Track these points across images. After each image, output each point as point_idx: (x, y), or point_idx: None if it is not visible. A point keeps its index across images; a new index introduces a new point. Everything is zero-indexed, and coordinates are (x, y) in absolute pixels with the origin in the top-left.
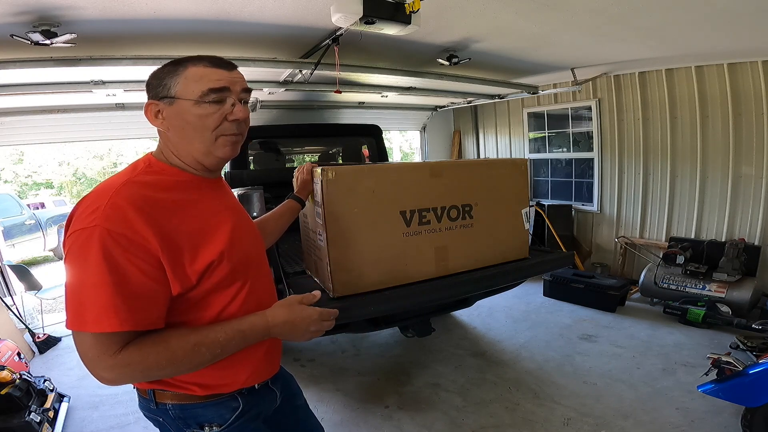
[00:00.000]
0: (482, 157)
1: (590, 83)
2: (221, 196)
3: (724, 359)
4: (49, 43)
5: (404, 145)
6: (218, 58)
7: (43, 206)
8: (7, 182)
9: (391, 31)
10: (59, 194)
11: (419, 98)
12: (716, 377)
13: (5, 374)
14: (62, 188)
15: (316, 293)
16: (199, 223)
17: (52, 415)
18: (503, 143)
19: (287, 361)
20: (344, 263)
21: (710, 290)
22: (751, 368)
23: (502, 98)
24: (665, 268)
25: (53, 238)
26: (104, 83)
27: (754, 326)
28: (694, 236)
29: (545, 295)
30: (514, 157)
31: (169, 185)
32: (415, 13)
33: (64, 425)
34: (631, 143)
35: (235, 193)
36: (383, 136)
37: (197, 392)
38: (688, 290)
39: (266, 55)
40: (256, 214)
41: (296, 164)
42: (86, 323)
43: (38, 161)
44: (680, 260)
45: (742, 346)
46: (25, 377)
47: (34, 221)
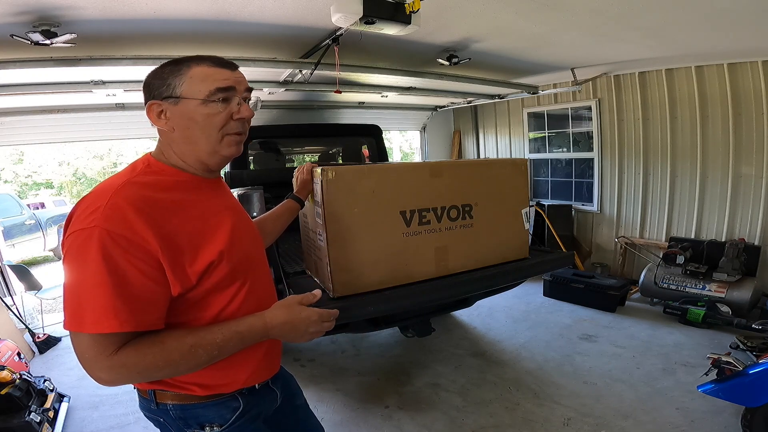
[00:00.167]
0: (482, 157)
1: (590, 83)
2: (221, 195)
3: (724, 359)
4: (49, 43)
5: (404, 145)
6: (220, 58)
7: (43, 206)
8: (7, 182)
9: (391, 31)
10: (59, 194)
11: (419, 98)
12: (716, 377)
13: (5, 374)
14: (62, 188)
15: (316, 293)
16: (199, 223)
17: (52, 415)
18: (503, 143)
19: (287, 361)
20: (344, 263)
21: (710, 290)
22: (751, 368)
23: (502, 98)
24: (665, 268)
25: (53, 238)
26: (104, 83)
27: (754, 326)
28: (694, 236)
29: (545, 295)
30: (514, 157)
31: (168, 185)
32: (415, 13)
33: (64, 425)
34: (631, 143)
35: (235, 193)
36: (383, 136)
37: (198, 392)
38: (688, 290)
39: (266, 55)
40: (255, 214)
41: (296, 164)
42: (84, 324)
43: (38, 161)
44: (680, 260)
45: (742, 346)
46: (25, 377)
47: (34, 221)
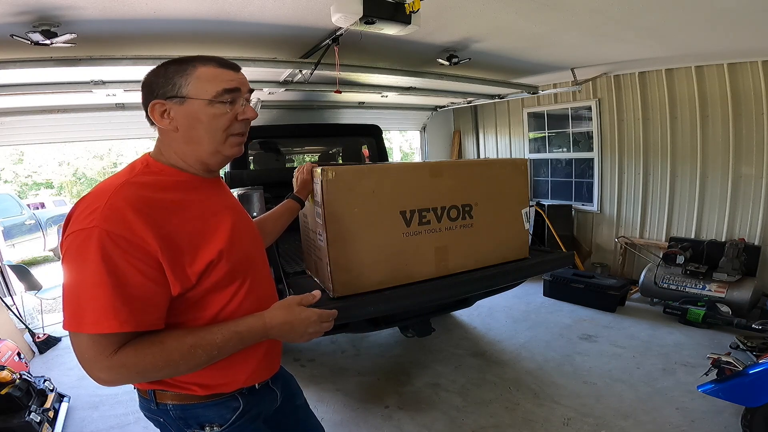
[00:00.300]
0: (482, 157)
1: (590, 83)
2: (220, 195)
3: (724, 359)
4: (49, 43)
5: (404, 145)
6: (224, 59)
7: (43, 206)
8: (7, 182)
9: (391, 31)
10: (59, 194)
11: (419, 98)
12: (716, 377)
13: (5, 374)
14: (62, 188)
15: (315, 293)
16: (198, 222)
17: (52, 415)
18: (503, 143)
19: (287, 361)
20: (344, 263)
21: (710, 290)
22: (751, 368)
23: (502, 98)
24: (665, 268)
25: (53, 238)
26: (104, 83)
27: (754, 326)
28: (694, 236)
29: (545, 295)
30: (514, 157)
31: (167, 185)
32: (415, 13)
33: (64, 425)
34: (631, 143)
35: (235, 193)
36: (383, 136)
37: (198, 392)
38: (688, 290)
39: (266, 55)
40: (255, 214)
41: (296, 164)
42: (84, 324)
43: (38, 161)
44: (680, 260)
45: (742, 346)
46: (25, 377)
47: (34, 221)
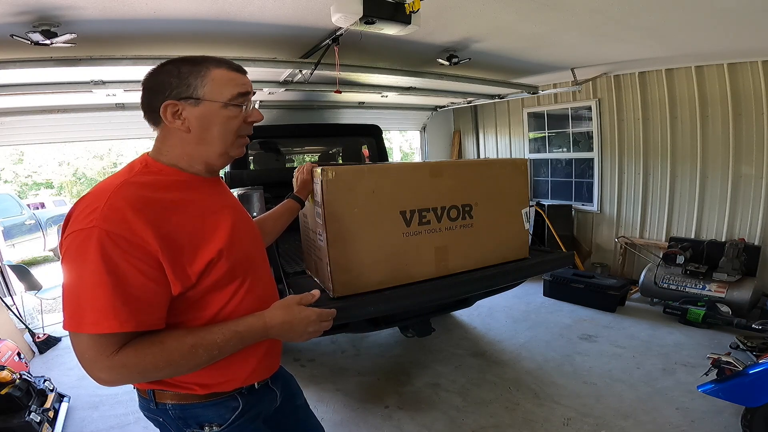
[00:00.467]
0: (482, 157)
1: (590, 83)
2: (220, 194)
3: (724, 359)
4: (49, 43)
5: (404, 145)
6: (232, 62)
7: (43, 206)
8: (7, 182)
9: (391, 31)
10: (59, 194)
11: (419, 98)
12: (716, 377)
13: (5, 374)
14: (62, 188)
15: (314, 293)
16: (198, 222)
17: (52, 415)
18: (503, 143)
19: (287, 361)
20: (344, 263)
21: (710, 290)
22: (751, 368)
23: (502, 98)
24: (665, 268)
25: (53, 238)
26: (104, 83)
27: (754, 326)
28: (694, 236)
29: (545, 295)
30: (514, 157)
31: (167, 185)
32: (415, 13)
33: (64, 425)
34: (631, 143)
35: (235, 193)
36: (383, 136)
37: (197, 391)
38: (688, 290)
39: (266, 55)
40: (255, 213)
41: (296, 164)
42: (84, 324)
43: (38, 161)
44: (680, 260)
45: (742, 346)
46: (25, 377)
47: (34, 221)
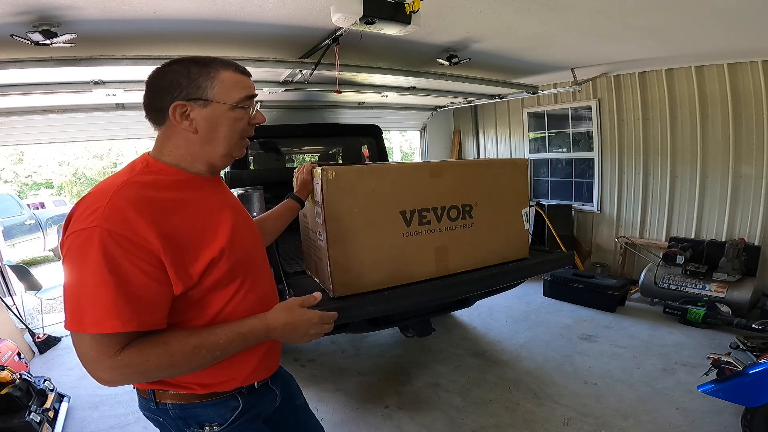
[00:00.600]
0: (482, 157)
1: (590, 83)
2: (221, 194)
3: (724, 359)
4: (49, 43)
5: (404, 145)
6: (238, 64)
7: (43, 206)
8: (7, 182)
9: (391, 31)
10: (59, 194)
11: (419, 98)
12: (716, 377)
13: (5, 374)
14: (62, 188)
15: (316, 295)
16: (199, 221)
17: (52, 415)
18: (503, 143)
19: (287, 361)
20: (344, 263)
21: (710, 290)
22: (751, 368)
23: (502, 98)
24: (665, 268)
25: (53, 238)
26: (104, 83)
27: (754, 326)
28: (694, 236)
29: (545, 295)
30: (514, 157)
31: (168, 185)
32: (415, 13)
33: (64, 425)
34: (631, 143)
35: (235, 193)
36: (383, 136)
37: (197, 391)
38: (688, 290)
39: (266, 55)
40: (255, 213)
41: (296, 164)
42: (85, 324)
43: (38, 161)
44: (680, 260)
45: (742, 346)
46: (25, 377)
47: (34, 221)
